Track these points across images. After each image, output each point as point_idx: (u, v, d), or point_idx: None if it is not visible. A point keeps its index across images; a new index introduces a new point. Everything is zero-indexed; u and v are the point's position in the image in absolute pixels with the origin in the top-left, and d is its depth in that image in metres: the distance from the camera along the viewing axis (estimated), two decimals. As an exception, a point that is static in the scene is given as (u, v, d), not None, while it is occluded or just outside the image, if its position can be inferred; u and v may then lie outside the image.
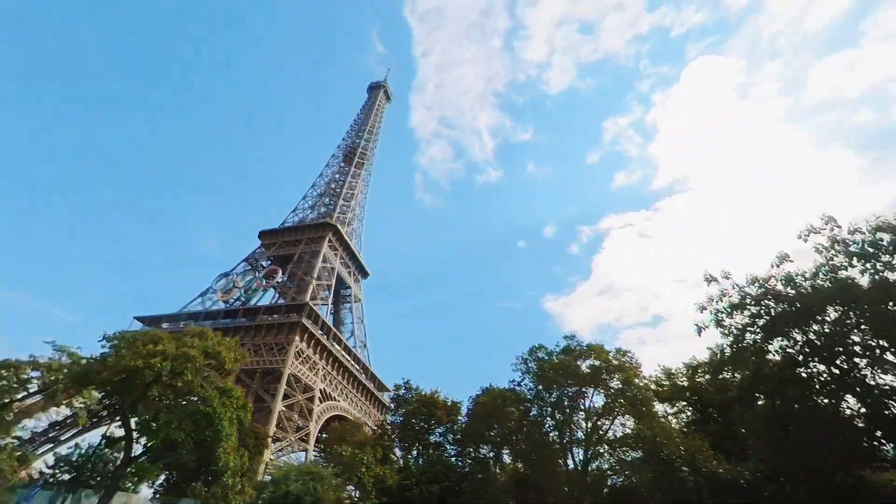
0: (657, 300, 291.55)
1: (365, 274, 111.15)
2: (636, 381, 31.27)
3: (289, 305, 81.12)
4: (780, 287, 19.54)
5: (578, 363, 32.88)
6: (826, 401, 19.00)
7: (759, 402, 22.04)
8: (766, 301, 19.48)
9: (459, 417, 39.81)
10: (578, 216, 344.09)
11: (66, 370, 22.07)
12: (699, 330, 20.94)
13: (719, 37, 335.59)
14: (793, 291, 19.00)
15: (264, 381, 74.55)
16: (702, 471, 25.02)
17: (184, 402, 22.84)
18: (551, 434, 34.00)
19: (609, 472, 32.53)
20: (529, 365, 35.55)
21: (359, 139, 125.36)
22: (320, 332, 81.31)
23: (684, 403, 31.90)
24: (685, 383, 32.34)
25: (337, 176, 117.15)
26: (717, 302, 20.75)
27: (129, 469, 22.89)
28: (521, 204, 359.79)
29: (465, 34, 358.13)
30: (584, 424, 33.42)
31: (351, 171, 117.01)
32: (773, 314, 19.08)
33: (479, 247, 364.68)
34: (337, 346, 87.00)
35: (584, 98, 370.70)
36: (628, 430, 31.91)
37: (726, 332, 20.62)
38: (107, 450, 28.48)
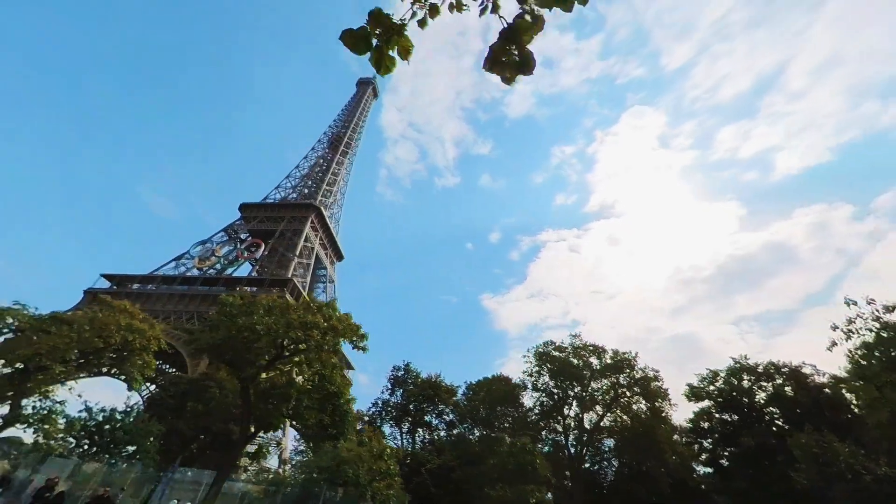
0: (577, 306, 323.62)
1: (340, 257, 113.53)
2: (645, 373, 34.54)
3: (273, 279, 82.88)
4: None
5: (592, 360, 35.94)
6: None
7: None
8: None
9: (454, 398, 41.72)
10: (521, 227, 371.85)
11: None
12: (833, 345, 23.80)
13: (652, 92, 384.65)
14: None
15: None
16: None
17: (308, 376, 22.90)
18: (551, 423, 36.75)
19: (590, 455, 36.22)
20: (545, 360, 37.51)
21: (345, 129, 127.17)
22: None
23: (710, 403, 34.42)
24: (721, 386, 34.10)
25: (321, 161, 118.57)
26: (854, 323, 23.04)
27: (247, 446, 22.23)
28: (473, 210, 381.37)
29: (441, 49, 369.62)
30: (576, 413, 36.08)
31: (336, 158, 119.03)
32: None
33: (431, 243, 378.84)
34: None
35: (538, 125, 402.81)
36: (616, 421, 34.52)
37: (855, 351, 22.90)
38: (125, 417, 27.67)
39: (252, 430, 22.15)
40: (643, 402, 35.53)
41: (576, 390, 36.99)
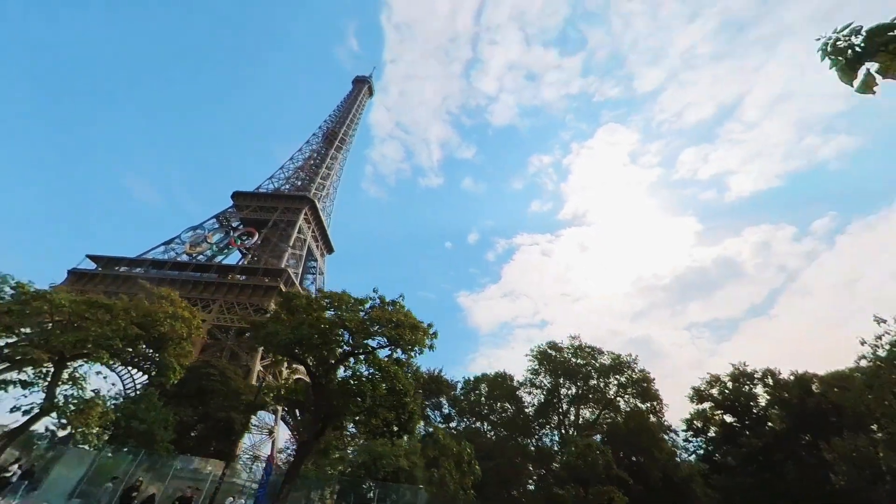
0: (546, 307, 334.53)
1: (331, 250, 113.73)
2: (644, 374, 35.67)
3: (267, 270, 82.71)
4: None
5: (595, 360, 36.93)
6: None
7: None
8: None
9: (453, 392, 42.10)
10: (498, 230, 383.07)
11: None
12: (861, 358, 25.71)
13: (625, 111, 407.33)
14: None
15: (238, 338, 75.52)
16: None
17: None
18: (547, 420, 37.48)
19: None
20: (545, 359, 38.57)
21: (340, 125, 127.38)
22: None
23: (709, 405, 36.07)
24: (723, 390, 35.60)
25: (315, 155, 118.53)
26: (881, 339, 24.24)
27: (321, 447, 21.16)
28: (454, 211, 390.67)
29: (431, 53, 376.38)
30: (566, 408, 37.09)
31: (330, 153, 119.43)
32: None
33: (412, 240, 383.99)
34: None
35: (519, 134, 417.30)
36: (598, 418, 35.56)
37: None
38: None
39: (322, 427, 21.12)
40: (639, 401, 36.80)
41: (573, 389, 38.16)
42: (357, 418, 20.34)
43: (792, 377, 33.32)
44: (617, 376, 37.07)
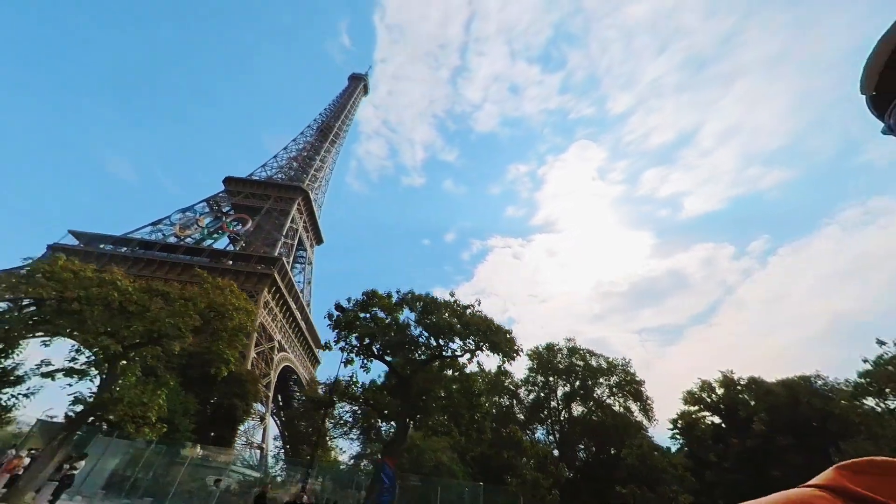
0: (514, 307, 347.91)
1: (320, 241, 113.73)
2: (633, 376, 37.56)
3: (262, 257, 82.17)
4: None
5: (586, 361, 38.75)
6: None
7: None
8: None
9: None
10: (474, 231, 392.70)
11: None
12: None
13: (597, 130, 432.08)
14: None
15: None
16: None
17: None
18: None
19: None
20: (538, 358, 40.15)
21: (335, 120, 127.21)
22: (285, 288, 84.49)
23: (707, 411, 38.15)
24: (717, 395, 37.86)
25: (309, 147, 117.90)
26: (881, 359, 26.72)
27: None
28: (433, 210, 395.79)
29: (421, 58, 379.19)
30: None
31: (325, 146, 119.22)
32: None
33: (391, 236, 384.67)
34: (293, 304, 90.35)
35: (499, 142, 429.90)
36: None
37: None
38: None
39: (408, 425, 21.24)
40: (630, 402, 38.27)
41: (567, 388, 39.99)
42: (437, 417, 20.04)
43: (782, 386, 36.05)
44: (609, 377, 38.89)
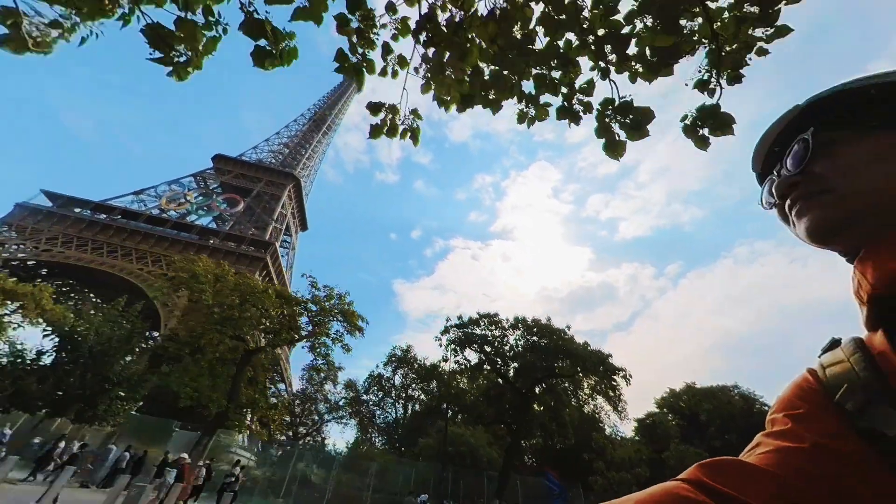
0: (467, 303, 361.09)
1: (305, 227, 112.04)
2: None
3: (255, 240, 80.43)
4: None
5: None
6: None
7: None
8: None
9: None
10: (438, 230, 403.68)
11: None
12: None
13: (556, 154, 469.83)
14: None
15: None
16: None
17: None
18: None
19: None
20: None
21: (329, 111, 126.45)
22: (275, 273, 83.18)
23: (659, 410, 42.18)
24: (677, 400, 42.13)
25: (302, 135, 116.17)
26: None
27: None
28: (403, 207, 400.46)
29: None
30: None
31: (317, 137, 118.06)
32: None
33: (361, 227, 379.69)
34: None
35: (470, 153, 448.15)
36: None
37: None
38: None
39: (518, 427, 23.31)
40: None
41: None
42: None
43: (738, 396, 40.76)
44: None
